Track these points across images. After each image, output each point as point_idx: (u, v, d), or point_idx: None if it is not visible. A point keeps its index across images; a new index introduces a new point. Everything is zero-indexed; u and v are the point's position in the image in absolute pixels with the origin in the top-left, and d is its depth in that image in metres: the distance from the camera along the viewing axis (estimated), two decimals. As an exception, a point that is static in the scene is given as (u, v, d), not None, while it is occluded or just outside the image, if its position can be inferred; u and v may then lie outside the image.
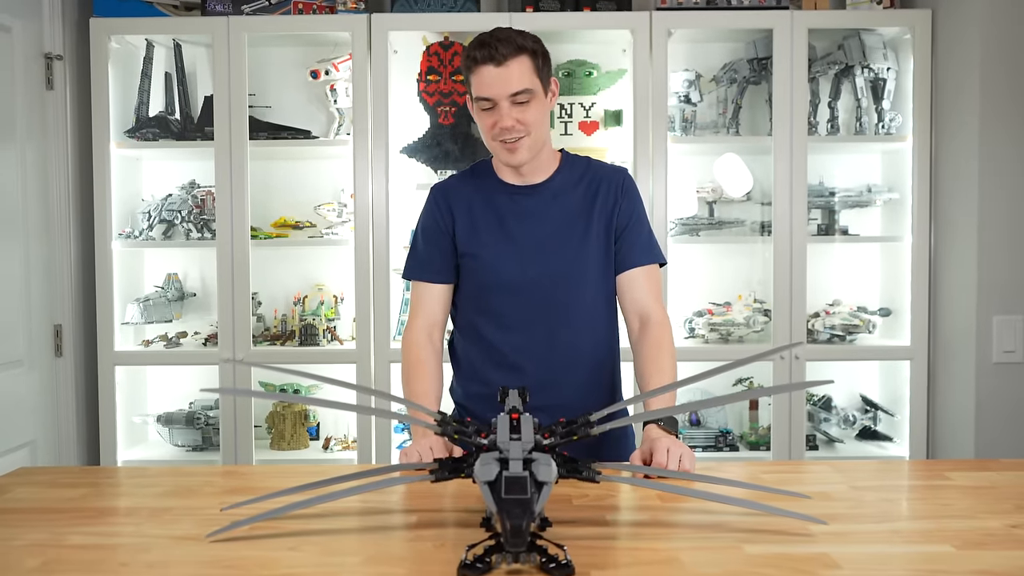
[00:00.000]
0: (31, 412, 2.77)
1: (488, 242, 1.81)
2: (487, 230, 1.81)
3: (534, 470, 1.08)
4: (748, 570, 1.08)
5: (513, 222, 1.80)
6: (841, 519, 1.27)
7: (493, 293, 1.81)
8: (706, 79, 3.15)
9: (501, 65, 1.67)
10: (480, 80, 1.69)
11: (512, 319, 1.80)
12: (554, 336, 1.79)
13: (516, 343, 1.80)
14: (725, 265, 3.24)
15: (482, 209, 1.83)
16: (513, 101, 1.68)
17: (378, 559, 1.12)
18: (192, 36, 3.10)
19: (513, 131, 1.69)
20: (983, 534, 1.21)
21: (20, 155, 2.71)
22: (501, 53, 1.66)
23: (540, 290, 1.78)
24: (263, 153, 3.07)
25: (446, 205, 1.85)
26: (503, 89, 1.67)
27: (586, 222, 1.81)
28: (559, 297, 1.79)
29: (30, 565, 1.12)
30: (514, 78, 1.67)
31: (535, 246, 1.79)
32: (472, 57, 1.69)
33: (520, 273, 1.78)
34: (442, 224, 1.84)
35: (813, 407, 3.14)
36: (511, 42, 1.67)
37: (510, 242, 1.80)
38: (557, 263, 1.79)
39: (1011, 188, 2.68)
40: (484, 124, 1.73)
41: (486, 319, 1.83)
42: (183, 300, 3.20)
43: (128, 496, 1.48)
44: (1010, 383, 2.69)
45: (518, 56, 1.67)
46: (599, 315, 1.85)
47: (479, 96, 1.70)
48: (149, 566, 1.11)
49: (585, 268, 1.81)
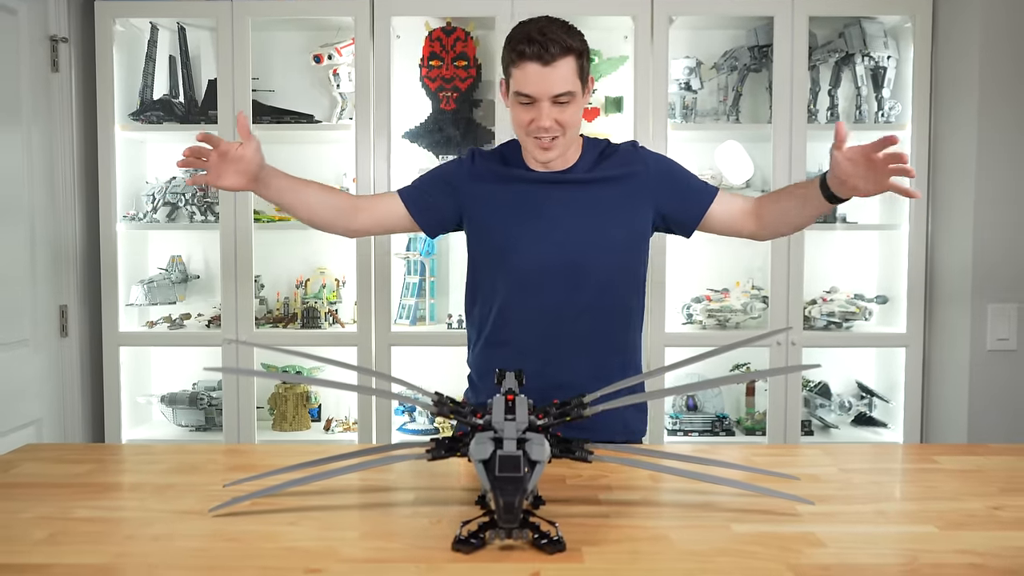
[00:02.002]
0: (37, 392, 2.80)
1: (508, 226, 1.78)
2: (508, 214, 1.78)
3: (527, 449, 1.11)
4: (735, 548, 1.11)
5: (535, 211, 1.77)
6: (829, 500, 1.30)
7: (511, 279, 1.78)
8: (707, 66, 3.16)
9: (548, 65, 1.63)
10: (524, 76, 1.65)
11: (533, 303, 1.76)
12: (573, 320, 1.76)
13: (534, 326, 1.76)
14: (724, 252, 3.26)
15: (506, 192, 1.80)
16: (554, 101, 1.66)
17: (375, 534, 1.15)
18: (196, 19, 3.12)
19: (550, 131, 1.68)
20: (966, 515, 1.24)
21: (26, 137, 2.73)
22: (551, 53, 1.62)
23: (556, 273, 1.75)
24: (266, 137, 3.06)
25: (468, 173, 1.83)
26: (547, 89, 1.64)
27: (608, 208, 1.77)
28: (579, 286, 1.75)
29: (37, 537, 1.15)
30: (559, 80, 1.64)
31: (560, 235, 1.75)
32: (519, 52, 1.64)
33: (538, 261, 1.75)
34: (455, 186, 1.83)
35: (809, 393, 3.17)
36: (561, 42, 1.63)
37: (531, 229, 1.76)
38: (575, 253, 1.75)
39: (1007, 178, 2.69)
40: (520, 118, 1.70)
41: (505, 299, 1.79)
42: (186, 282, 3.23)
43: (132, 472, 1.51)
44: (1003, 370, 2.72)
45: (566, 57, 1.64)
46: (621, 300, 1.81)
47: (520, 92, 1.66)
48: (154, 539, 1.14)
49: (609, 255, 1.77)
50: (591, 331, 1.78)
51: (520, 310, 1.78)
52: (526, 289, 1.76)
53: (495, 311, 1.81)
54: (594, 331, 1.78)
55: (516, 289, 1.77)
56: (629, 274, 1.82)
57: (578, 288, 1.75)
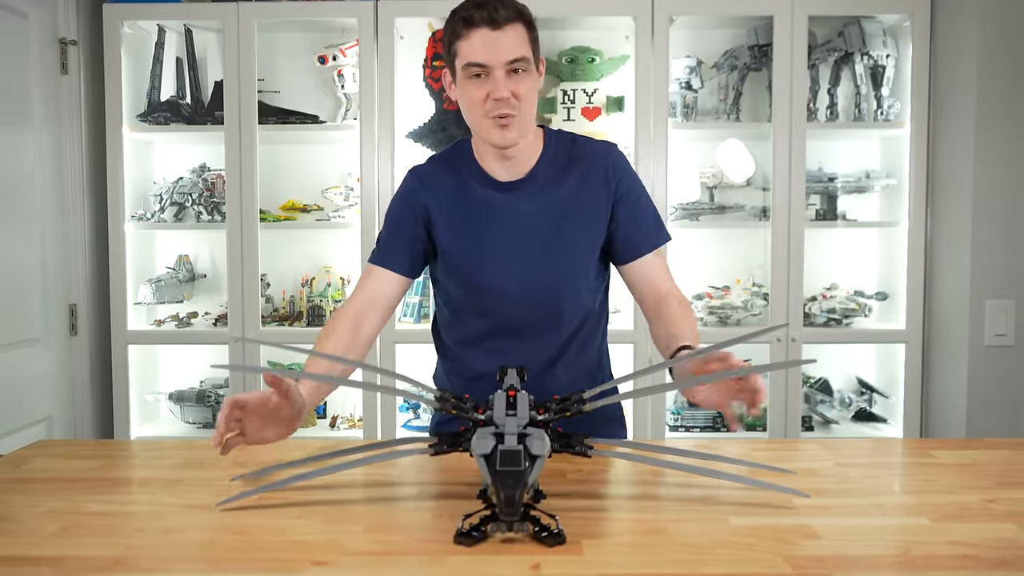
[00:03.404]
0: (47, 389, 2.84)
1: (469, 242, 1.66)
2: (468, 228, 1.66)
3: (528, 444, 1.13)
4: (732, 540, 1.13)
5: (498, 222, 1.65)
6: (825, 493, 1.32)
7: (477, 294, 1.68)
8: (707, 65, 3.18)
9: (499, 28, 1.51)
10: (472, 44, 1.52)
11: (500, 319, 1.68)
12: (544, 337, 1.69)
13: (503, 344, 1.68)
14: (725, 249, 3.28)
15: (463, 204, 1.67)
16: (509, 69, 1.53)
17: (379, 527, 1.18)
18: (203, 22, 3.14)
19: (508, 104, 1.54)
20: (960, 508, 1.26)
21: (36, 138, 2.76)
22: (501, 16, 1.51)
23: (529, 294, 1.66)
24: (272, 137, 3.12)
25: (424, 195, 1.69)
26: (501, 55, 1.52)
27: (579, 214, 1.66)
28: (552, 299, 1.67)
29: (50, 530, 1.17)
30: (512, 44, 1.52)
31: (524, 249, 1.65)
32: (465, 19, 1.52)
33: (508, 277, 1.66)
34: (416, 212, 1.69)
35: (810, 389, 3.19)
36: (511, 6, 1.53)
37: (494, 243, 1.65)
38: (548, 266, 1.66)
39: (1005, 176, 2.71)
40: (473, 96, 1.56)
41: (470, 318, 1.72)
42: (194, 281, 3.25)
43: (142, 467, 1.53)
44: (1001, 366, 2.74)
45: (516, 22, 1.53)
46: (591, 306, 1.75)
47: (471, 62, 1.53)
48: (164, 531, 1.16)
49: (578, 266, 1.69)
50: (562, 343, 1.71)
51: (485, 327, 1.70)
52: (491, 305, 1.68)
53: (463, 331, 1.75)
54: (564, 342, 1.72)
55: (482, 304, 1.69)
56: (595, 282, 1.75)
57: (547, 302, 1.68)
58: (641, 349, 2.98)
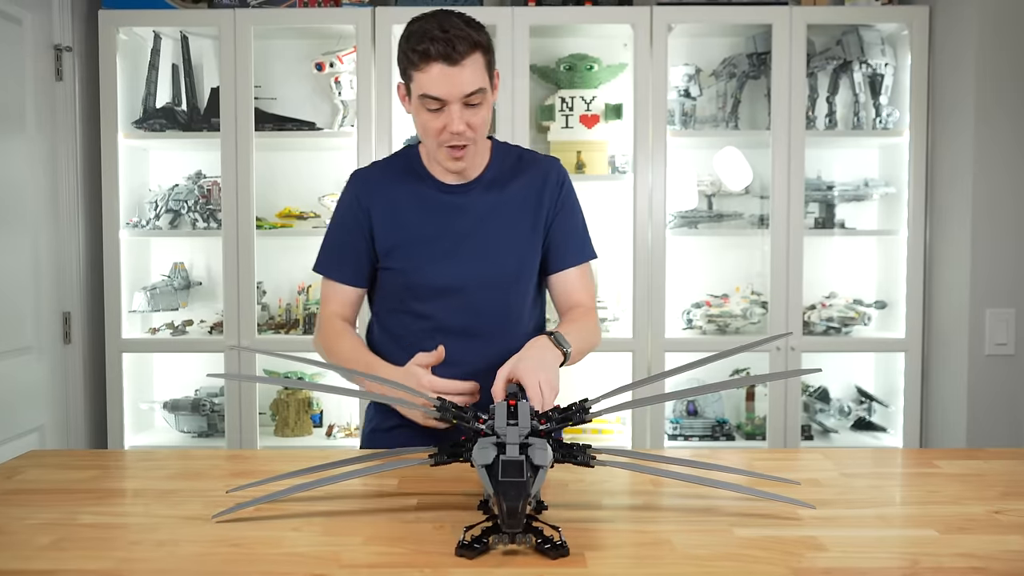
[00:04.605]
0: (40, 398, 2.81)
1: (416, 245, 1.67)
2: (415, 231, 1.67)
3: (530, 454, 1.11)
4: (737, 552, 1.11)
5: (446, 224, 1.67)
6: (830, 504, 1.30)
7: (421, 298, 1.68)
8: (706, 73, 3.17)
9: (457, 64, 1.50)
10: (430, 78, 1.51)
11: (443, 323, 1.68)
12: (490, 337, 1.68)
13: (447, 344, 1.61)
14: (723, 258, 3.27)
15: (409, 207, 1.68)
16: (465, 103, 1.53)
17: (378, 540, 1.16)
18: (199, 28, 3.13)
19: (463, 136, 1.55)
20: (967, 519, 1.24)
21: (30, 145, 2.74)
22: (458, 51, 1.49)
23: (475, 295, 1.67)
24: (268, 144, 3.11)
25: (366, 198, 1.70)
26: (458, 90, 1.52)
27: (523, 218, 1.70)
28: (498, 300, 1.69)
29: (42, 542, 1.15)
30: (469, 78, 1.51)
31: (471, 250, 1.67)
32: (422, 52, 1.50)
33: (454, 278, 1.66)
34: (360, 217, 1.70)
35: (809, 398, 3.18)
36: (467, 38, 1.51)
37: (442, 245, 1.66)
38: (495, 266, 1.68)
39: (1005, 183, 2.71)
40: (429, 126, 1.57)
41: (412, 319, 1.70)
42: (189, 289, 3.23)
43: (136, 478, 1.51)
44: (1001, 375, 2.73)
45: (473, 53, 1.51)
46: (533, 305, 1.76)
47: (428, 95, 1.53)
48: (159, 544, 1.14)
49: (523, 266, 1.71)
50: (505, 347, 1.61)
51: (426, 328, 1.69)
52: (434, 306, 1.68)
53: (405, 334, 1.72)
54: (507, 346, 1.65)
55: (425, 306, 1.69)
56: (535, 292, 1.77)
57: (492, 302, 1.69)
58: (640, 357, 2.96)
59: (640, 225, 2.96)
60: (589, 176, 3.07)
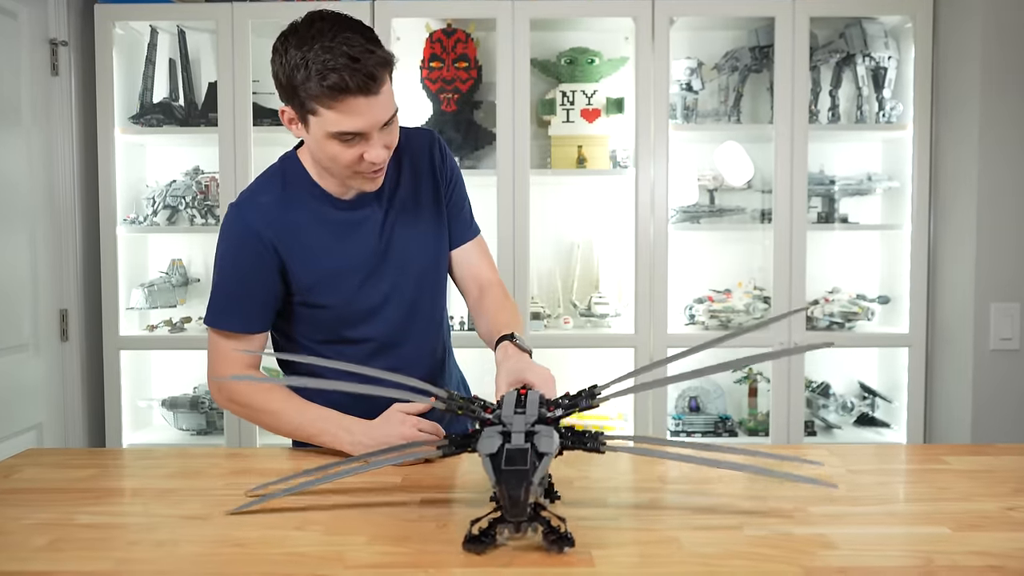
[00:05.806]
0: (37, 396, 2.79)
1: (338, 277, 1.57)
2: (333, 262, 1.56)
3: (535, 442, 1.10)
4: (746, 550, 1.09)
5: (360, 244, 1.58)
6: (839, 501, 1.29)
7: (353, 324, 1.60)
8: (708, 67, 3.16)
9: (374, 94, 1.37)
10: (349, 112, 1.37)
11: (381, 338, 1.62)
12: (426, 331, 1.67)
13: (390, 358, 1.61)
14: (725, 253, 3.25)
15: (316, 234, 1.55)
16: (382, 127, 1.43)
17: (382, 538, 1.14)
18: (196, 23, 3.11)
19: (383, 159, 1.46)
20: (979, 516, 1.23)
21: (26, 141, 2.72)
22: (376, 79, 1.36)
23: (406, 301, 1.63)
24: (266, 139, 3.08)
25: (267, 232, 1.54)
26: (378, 119, 1.40)
27: (425, 204, 1.64)
28: (426, 296, 1.66)
29: (39, 543, 1.14)
30: (386, 103, 1.41)
31: (391, 261, 1.60)
32: (334, 87, 1.35)
33: (383, 294, 1.60)
34: (264, 256, 1.55)
35: (812, 393, 3.16)
36: (379, 61, 1.37)
37: (364, 268, 1.58)
38: (417, 267, 1.63)
39: (1010, 177, 2.69)
40: (344, 158, 1.43)
41: (346, 345, 1.62)
42: (187, 285, 3.21)
43: (135, 477, 1.50)
44: (1007, 370, 2.71)
45: (385, 74, 1.39)
46: (440, 296, 1.72)
47: (346, 131, 1.39)
48: (158, 544, 1.13)
49: (440, 252, 1.68)
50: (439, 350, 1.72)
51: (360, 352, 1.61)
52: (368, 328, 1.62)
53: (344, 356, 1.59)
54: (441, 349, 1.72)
55: (358, 330, 1.62)
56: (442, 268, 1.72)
57: (424, 307, 1.66)
58: (642, 353, 2.95)
59: (642, 220, 2.94)
60: (590, 171, 3.05)
